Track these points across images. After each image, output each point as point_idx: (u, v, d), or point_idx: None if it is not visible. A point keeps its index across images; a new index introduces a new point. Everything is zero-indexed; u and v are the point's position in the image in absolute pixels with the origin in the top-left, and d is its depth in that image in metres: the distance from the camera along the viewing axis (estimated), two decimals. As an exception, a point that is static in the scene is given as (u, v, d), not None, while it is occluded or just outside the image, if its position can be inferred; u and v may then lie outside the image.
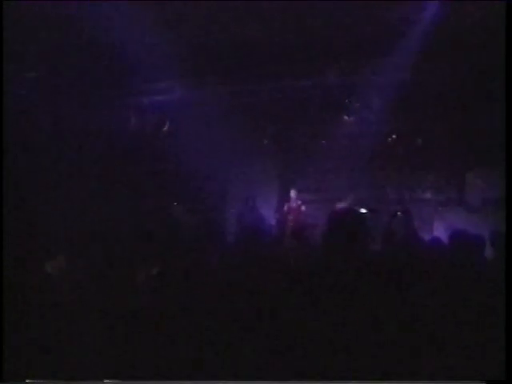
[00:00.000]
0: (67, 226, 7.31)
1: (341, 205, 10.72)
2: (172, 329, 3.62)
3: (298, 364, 3.23)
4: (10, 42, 7.24)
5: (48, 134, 9.53)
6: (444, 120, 11.93)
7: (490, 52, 8.66)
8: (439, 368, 3.20)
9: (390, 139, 12.90)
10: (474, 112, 11.22)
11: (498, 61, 5.04)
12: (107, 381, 3.40)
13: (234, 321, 3.50)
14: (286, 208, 11.98)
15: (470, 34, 9.57)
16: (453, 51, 10.18)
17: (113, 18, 9.33)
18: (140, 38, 10.01)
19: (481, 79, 10.40)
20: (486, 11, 8.56)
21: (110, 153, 10.94)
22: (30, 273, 4.48)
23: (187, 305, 3.72)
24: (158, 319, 3.69)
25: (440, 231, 10.17)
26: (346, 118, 12.74)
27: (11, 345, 3.66)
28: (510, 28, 4.96)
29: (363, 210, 10.78)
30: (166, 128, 12.78)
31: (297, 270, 3.82)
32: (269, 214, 12.31)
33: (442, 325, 3.35)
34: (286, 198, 12.33)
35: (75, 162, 9.90)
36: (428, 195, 12.62)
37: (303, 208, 11.89)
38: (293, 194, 12.12)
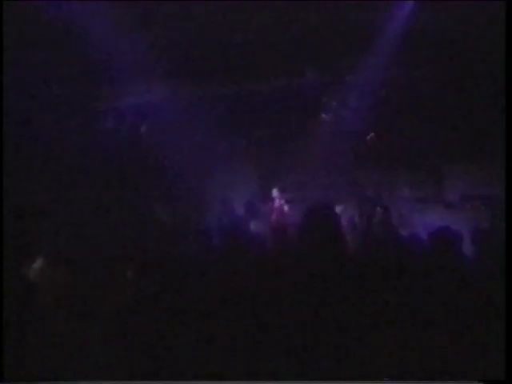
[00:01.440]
0: (49, 228, 7.27)
1: (318, 203, 10.72)
2: (157, 328, 3.62)
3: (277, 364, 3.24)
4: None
5: (21, 139, 9.41)
6: (422, 117, 12.01)
7: (490, 52, 8.69)
8: (439, 368, 3.21)
9: (368, 137, 12.95)
10: (452, 109, 11.30)
11: (498, 60, 5.04)
12: (107, 381, 3.41)
13: (214, 320, 3.50)
14: (265, 208, 11.96)
15: (469, 34, 9.58)
16: (450, 50, 10.19)
17: (87, 21, 9.28)
18: (116, 40, 9.95)
19: (462, 77, 10.46)
20: (486, 11, 8.52)
21: (87, 155, 10.85)
22: (30, 274, 4.48)
23: (168, 305, 3.72)
24: (143, 319, 3.70)
25: (419, 228, 10.23)
26: (323, 116, 12.76)
27: (11, 345, 3.68)
28: (510, 28, 4.96)
29: (341, 208, 10.82)
30: (143, 130, 12.70)
31: (276, 268, 3.82)
32: (248, 215, 12.30)
33: (441, 323, 3.37)
34: (265, 197, 12.31)
35: (52, 166, 9.81)
36: (406, 192, 12.70)
37: (282, 207, 11.89)
38: (272, 193, 12.11)
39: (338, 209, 10.59)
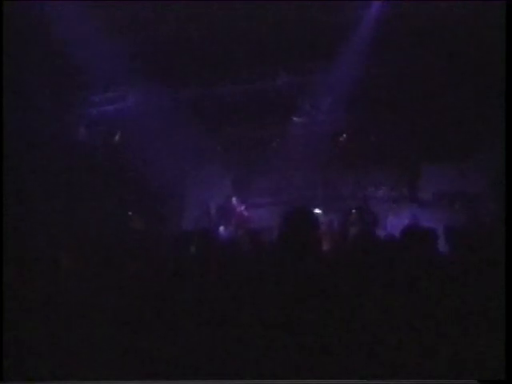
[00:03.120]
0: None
1: (294, 206, 10.77)
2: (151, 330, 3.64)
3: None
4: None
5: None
6: (394, 117, 12.08)
7: (487, 52, 8.73)
8: (439, 368, 3.22)
9: (341, 138, 13.01)
10: (424, 109, 11.38)
11: (498, 60, 5.07)
12: (107, 381, 3.43)
13: (186, 326, 3.51)
14: (240, 211, 11.97)
15: (470, 34, 9.61)
16: (449, 50, 10.21)
17: (61, 27, 9.24)
18: (88, 47, 9.91)
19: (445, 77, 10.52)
20: (486, 11, 8.53)
21: (61, 164, 10.76)
22: (30, 273, 4.45)
23: (141, 312, 3.72)
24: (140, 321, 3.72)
25: (394, 227, 10.30)
26: (295, 119, 12.78)
27: (11, 345, 3.67)
28: (510, 28, 4.99)
29: (317, 210, 10.85)
30: (117, 138, 12.64)
31: (253, 271, 3.82)
32: (224, 218, 12.30)
33: (441, 323, 3.38)
34: (240, 201, 12.32)
35: (24, 174, 9.70)
36: (381, 192, 12.77)
37: (257, 210, 11.91)
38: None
39: (314, 211, 10.65)
